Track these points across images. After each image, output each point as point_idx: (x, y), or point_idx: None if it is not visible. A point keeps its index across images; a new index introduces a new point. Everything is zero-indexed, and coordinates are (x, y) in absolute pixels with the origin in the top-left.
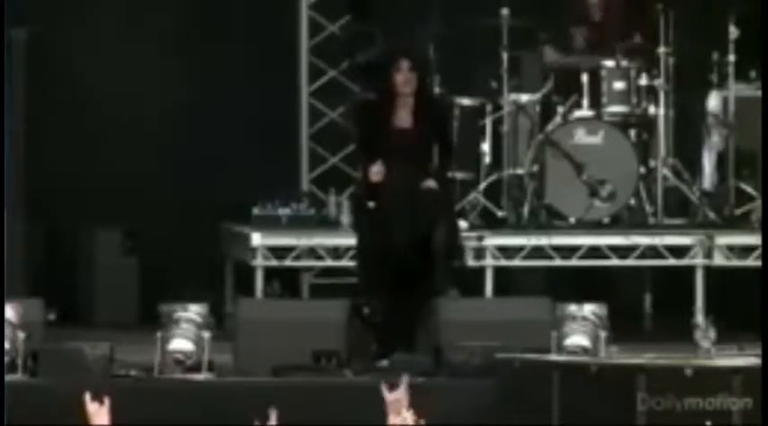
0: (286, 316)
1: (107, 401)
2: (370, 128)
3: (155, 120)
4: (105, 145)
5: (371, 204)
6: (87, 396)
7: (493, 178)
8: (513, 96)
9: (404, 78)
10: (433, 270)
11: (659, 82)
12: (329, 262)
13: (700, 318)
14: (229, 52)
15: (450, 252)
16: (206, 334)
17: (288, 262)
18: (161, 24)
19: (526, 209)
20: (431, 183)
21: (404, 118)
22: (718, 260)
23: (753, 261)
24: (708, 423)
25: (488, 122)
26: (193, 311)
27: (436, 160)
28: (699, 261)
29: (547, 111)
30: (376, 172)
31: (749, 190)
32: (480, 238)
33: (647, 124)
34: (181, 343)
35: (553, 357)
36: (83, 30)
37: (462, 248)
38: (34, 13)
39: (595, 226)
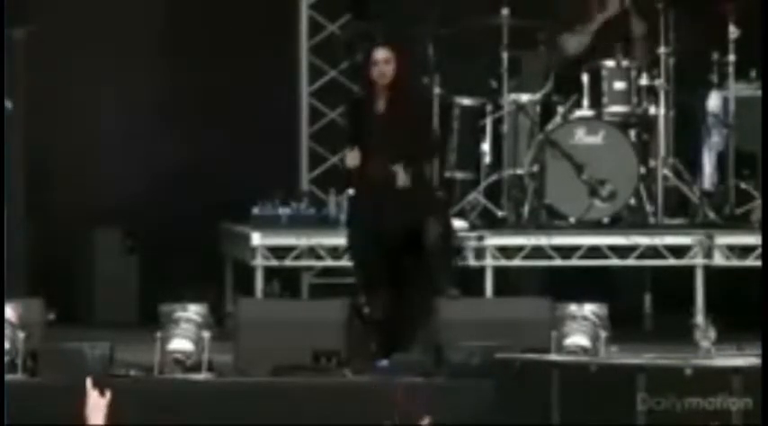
0: (286, 316)
1: (108, 394)
2: (354, 121)
3: (155, 120)
4: (105, 144)
5: (351, 191)
6: (89, 382)
7: (493, 178)
8: (513, 96)
9: (379, 71)
10: (429, 267)
11: (659, 82)
12: (329, 262)
13: (699, 318)
14: (229, 52)
15: (445, 249)
16: (206, 334)
17: (288, 262)
18: (161, 24)
19: (526, 209)
20: (402, 180)
21: (382, 108)
22: (718, 260)
23: (753, 261)
24: (715, 424)
25: (488, 122)
26: (193, 311)
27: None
28: (699, 261)
29: (547, 111)
30: (352, 157)
31: (749, 189)
32: (480, 238)
33: (648, 124)
34: (181, 343)
35: (553, 357)
36: (83, 29)
37: (458, 247)
38: (34, 13)
39: (595, 226)
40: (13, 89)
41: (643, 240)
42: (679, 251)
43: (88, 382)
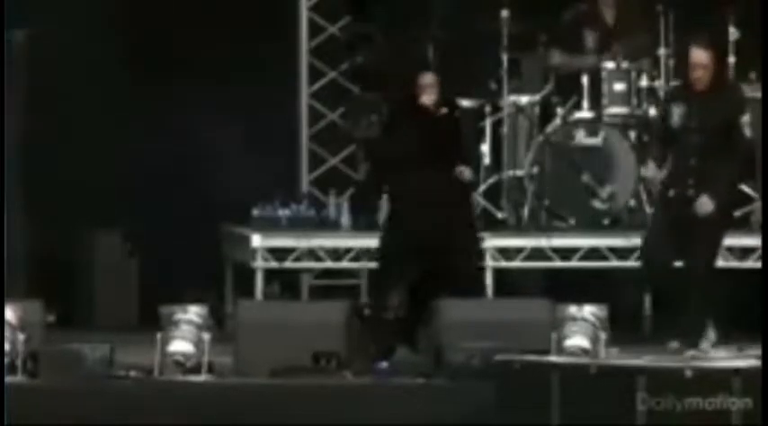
0: (286, 318)
1: None
2: (394, 134)
3: (155, 122)
4: (106, 146)
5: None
6: None
7: (493, 180)
8: (513, 98)
9: (427, 95)
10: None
11: (659, 83)
12: (329, 264)
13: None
14: (229, 54)
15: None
16: (206, 336)
17: (288, 264)
18: (161, 25)
19: (526, 211)
20: (464, 172)
21: (427, 125)
22: (718, 261)
23: (753, 263)
24: None
25: (488, 124)
26: (193, 312)
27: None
28: None
29: (547, 113)
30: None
31: (749, 191)
32: (480, 240)
33: (647, 125)
34: (181, 345)
35: (553, 358)
36: (83, 30)
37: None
38: (33, 14)
39: (595, 228)
40: (13, 89)
41: None
42: None
43: None
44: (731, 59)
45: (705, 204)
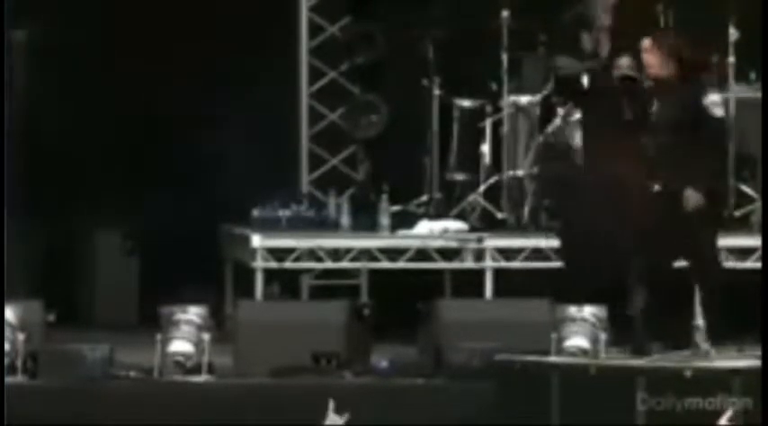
0: (286, 318)
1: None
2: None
3: (156, 121)
4: (106, 146)
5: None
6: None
7: (493, 180)
8: (513, 98)
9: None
10: None
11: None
12: (329, 264)
13: (699, 320)
14: (230, 53)
15: None
16: (206, 336)
17: (288, 264)
18: (160, 24)
19: (526, 211)
20: None
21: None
22: None
23: (753, 263)
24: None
25: (488, 124)
26: (193, 313)
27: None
28: None
29: (547, 113)
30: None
31: (749, 191)
32: (480, 240)
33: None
34: (181, 345)
35: (553, 358)
36: (83, 30)
37: None
38: (34, 14)
39: None
40: (13, 89)
41: None
42: None
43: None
44: (731, 59)
45: (692, 197)
